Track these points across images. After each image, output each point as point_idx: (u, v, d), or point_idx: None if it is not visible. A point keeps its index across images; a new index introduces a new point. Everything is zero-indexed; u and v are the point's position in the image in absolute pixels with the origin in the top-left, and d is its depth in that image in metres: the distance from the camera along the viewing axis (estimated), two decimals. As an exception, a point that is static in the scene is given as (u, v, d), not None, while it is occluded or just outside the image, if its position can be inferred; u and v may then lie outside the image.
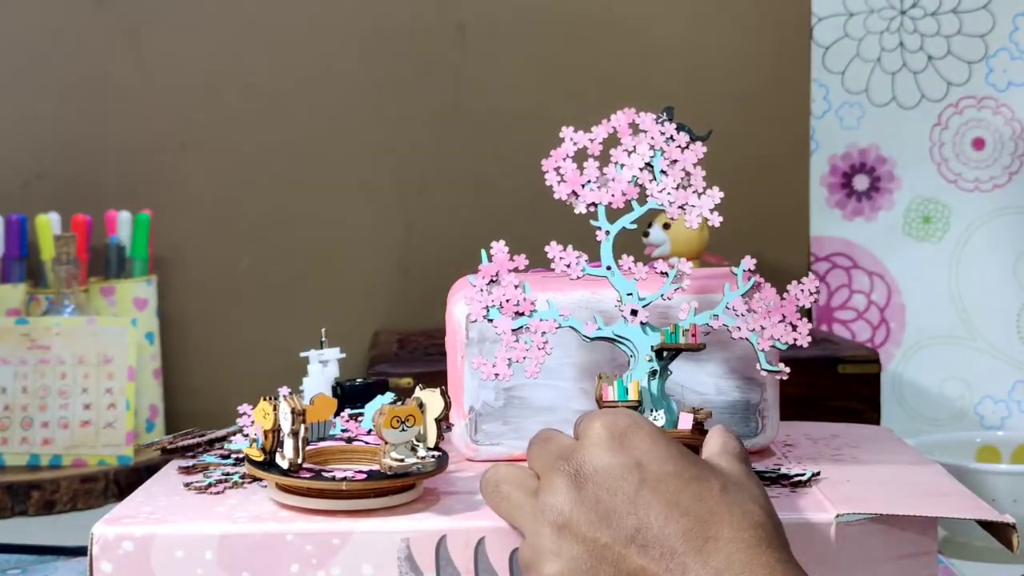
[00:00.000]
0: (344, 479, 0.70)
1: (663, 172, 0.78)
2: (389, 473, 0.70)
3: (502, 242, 0.77)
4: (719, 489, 0.63)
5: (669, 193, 0.77)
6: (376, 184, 1.62)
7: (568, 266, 0.77)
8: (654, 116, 0.78)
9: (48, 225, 1.48)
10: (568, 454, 0.65)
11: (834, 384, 1.35)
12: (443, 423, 0.73)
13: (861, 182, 1.63)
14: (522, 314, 0.76)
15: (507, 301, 0.76)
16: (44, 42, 1.58)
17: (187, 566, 0.70)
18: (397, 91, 1.61)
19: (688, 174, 0.78)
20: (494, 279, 0.77)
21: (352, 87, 1.61)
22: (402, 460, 0.71)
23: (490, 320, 0.76)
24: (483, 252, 0.77)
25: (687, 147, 0.78)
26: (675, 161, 0.78)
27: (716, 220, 0.78)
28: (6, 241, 1.48)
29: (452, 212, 1.62)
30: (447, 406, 0.73)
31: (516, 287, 0.76)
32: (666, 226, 1.33)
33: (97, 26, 1.59)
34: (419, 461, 0.71)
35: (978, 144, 1.62)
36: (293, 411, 0.71)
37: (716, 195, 0.78)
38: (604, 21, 1.62)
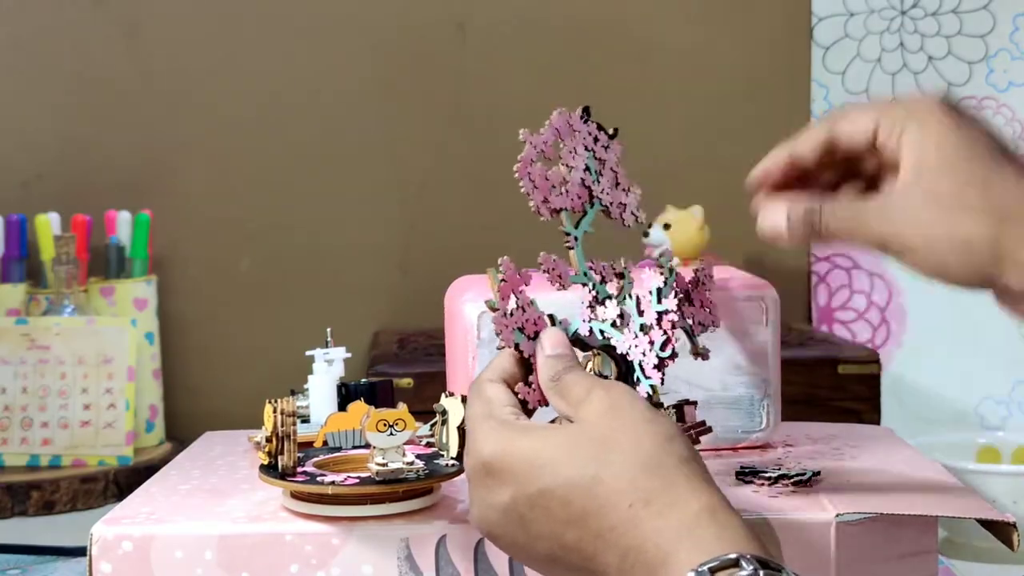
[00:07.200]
0: (332, 483, 0.70)
1: (599, 173, 0.74)
2: (377, 479, 0.69)
3: (507, 258, 0.71)
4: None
5: (608, 192, 0.74)
6: (376, 184, 1.62)
7: (560, 276, 0.73)
8: (580, 116, 0.74)
9: (48, 225, 1.48)
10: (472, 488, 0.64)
11: (834, 384, 1.35)
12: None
13: (861, 182, 1.63)
14: (538, 332, 0.70)
15: (527, 322, 0.70)
16: (44, 42, 1.58)
17: (186, 566, 0.70)
18: (397, 91, 1.61)
19: (615, 172, 0.74)
20: (517, 297, 0.71)
21: (352, 87, 1.61)
22: (386, 465, 0.70)
23: (517, 344, 0.70)
24: (492, 272, 0.71)
25: (608, 146, 0.74)
26: (603, 160, 0.74)
27: (641, 217, 0.75)
28: (6, 241, 1.48)
29: (452, 212, 1.62)
30: None
31: (531, 305, 0.71)
32: (667, 226, 1.32)
33: (97, 26, 1.58)
34: (405, 467, 0.70)
35: (978, 144, 1.62)
36: (282, 413, 0.70)
37: (636, 192, 0.75)
38: (604, 21, 1.62)
